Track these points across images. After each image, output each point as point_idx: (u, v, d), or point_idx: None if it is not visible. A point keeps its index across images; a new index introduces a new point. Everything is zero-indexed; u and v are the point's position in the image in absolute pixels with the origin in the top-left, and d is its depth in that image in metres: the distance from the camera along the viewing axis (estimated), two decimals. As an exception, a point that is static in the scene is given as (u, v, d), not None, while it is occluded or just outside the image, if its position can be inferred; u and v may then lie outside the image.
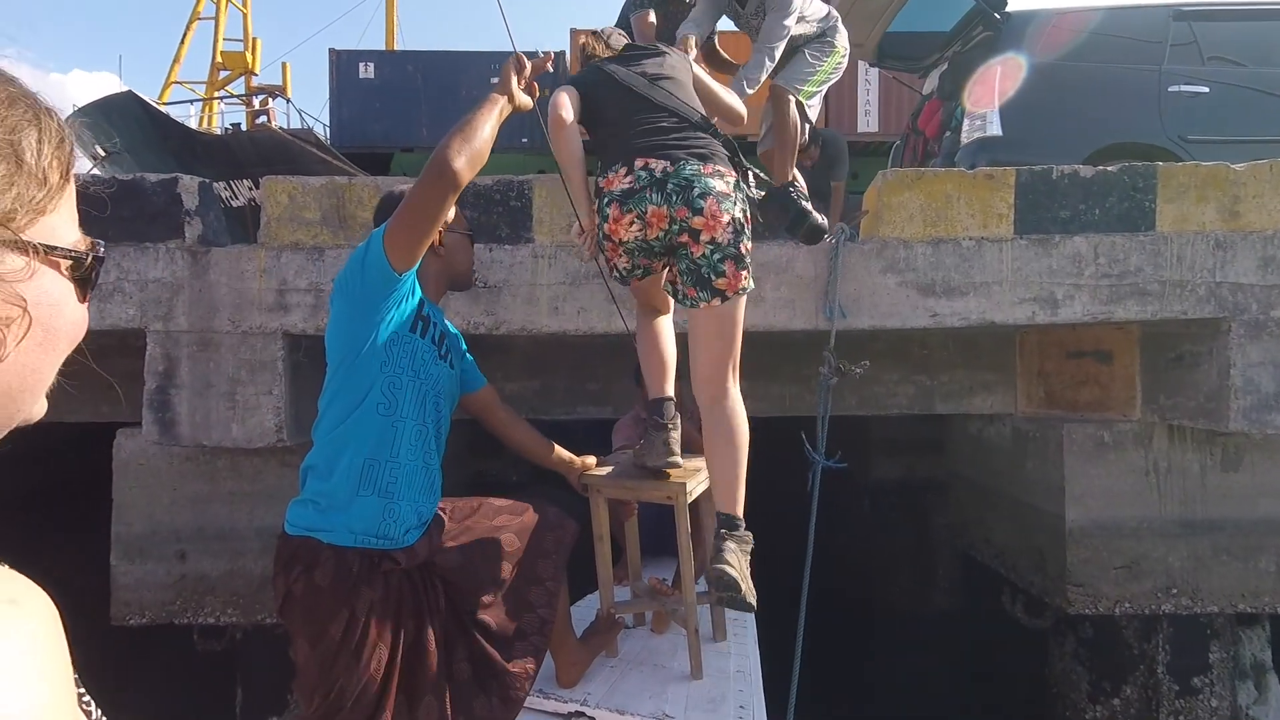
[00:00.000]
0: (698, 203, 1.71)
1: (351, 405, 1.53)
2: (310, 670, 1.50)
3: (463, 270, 1.78)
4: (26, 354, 0.41)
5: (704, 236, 1.72)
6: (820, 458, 2.24)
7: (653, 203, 1.74)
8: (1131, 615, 2.97)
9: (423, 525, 1.62)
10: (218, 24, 16.31)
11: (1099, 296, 2.59)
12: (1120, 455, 2.91)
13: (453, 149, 1.44)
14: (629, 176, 1.78)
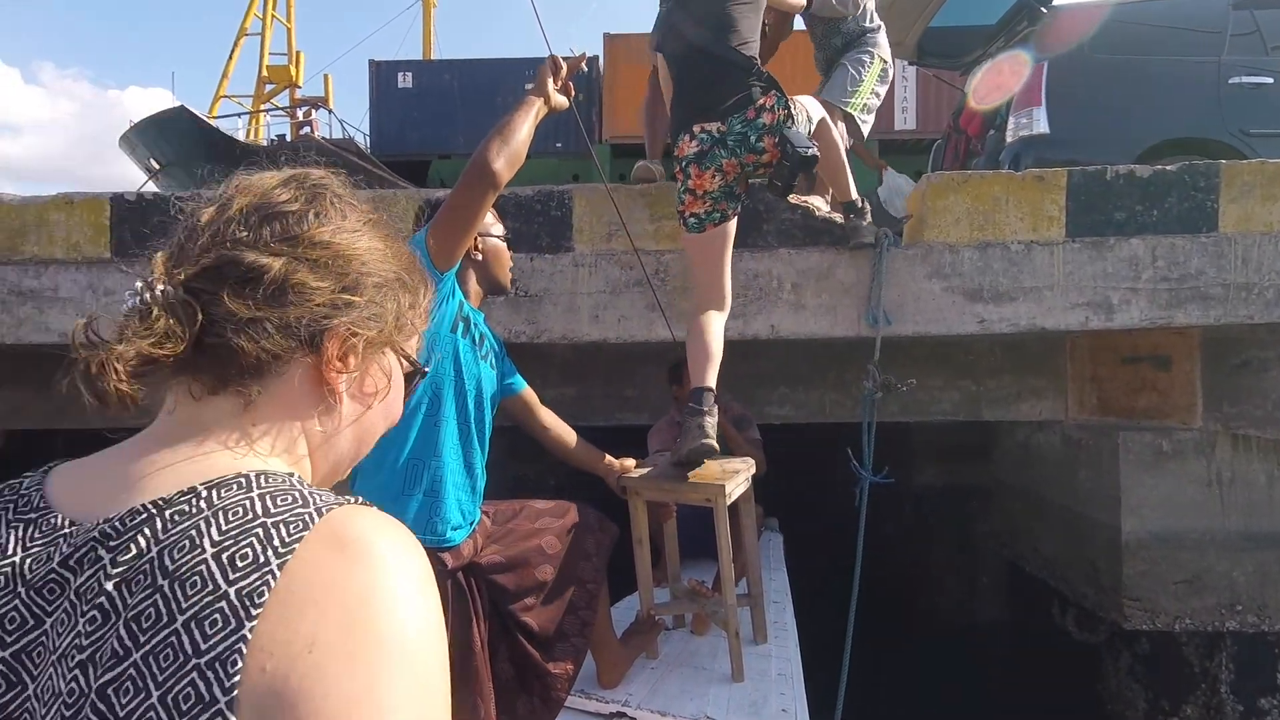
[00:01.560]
0: (758, 146, 2.10)
1: None
2: None
3: (501, 275, 1.80)
4: (374, 415, 0.56)
5: (765, 158, 2.11)
6: (867, 474, 2.20)
7: (723, 157, 2.12)
8: (1193, 632, 2.85)
9: (468, 525, 1.64)
10: (264, 39, 16.87)
11: (1157, 301, 2.49)
12: (1180, 465, 2.80)
13: (492, 150, 1.48)
14: (694, 142, 2.15)
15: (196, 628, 0.38)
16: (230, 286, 0.48)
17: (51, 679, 0.40)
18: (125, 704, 0.37)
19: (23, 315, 2.66)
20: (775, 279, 2.58)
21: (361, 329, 0.52)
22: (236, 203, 0.52)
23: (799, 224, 2.61)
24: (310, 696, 0.36)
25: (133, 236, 2.69)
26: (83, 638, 0.40)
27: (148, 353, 0.45)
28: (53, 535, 0.45)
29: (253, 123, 15.39)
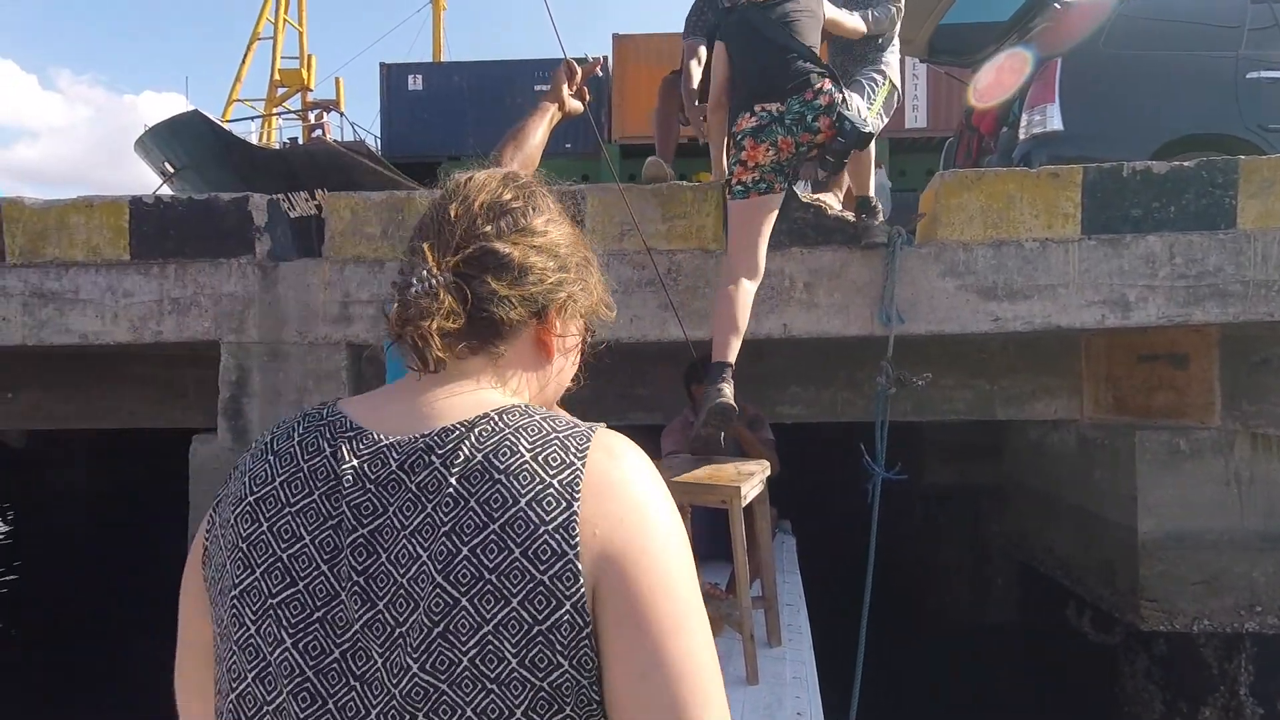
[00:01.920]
0: (814, 125, 2.30)
1: None
2: None
3: None
4: (570, 368, 0.71)
5: (820, 138, 2.31)
6: (880, 469, 2.19)
7: (779, 134, 2.31)
8: (1211, 633, 2.82)
9: None
10: (276, 44, 17.01)
11: (1175, 298, 2.47)
12: (1198, 464, 2.77)
13: (505, 157, 1.49)
14: (753, 118, 2.34)
15: (538, 506, 0.53)
16: (491, 271, 0.62)
17: (406, 547, 0.55)
18: (493, 559, 0.53)
19: (44, 317, 2.71)
20: (788, 278, 2.58)
21: (575, 299, 0.68)
22: (477, 200, 0.64)
23: (811, 223, 2.61)
24: (631, 551, 0.54)
25: (151, 238, 2.73)
26: (441, 516, 0.55)
27: (443, 327, 0.59)
28: (376, 447, 0.59)
29: (265, 126, 15.53)
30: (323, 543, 0.57)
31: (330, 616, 0.55)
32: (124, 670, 3.75)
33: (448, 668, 0.53)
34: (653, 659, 0.53)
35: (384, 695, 0.54)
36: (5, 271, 2.72)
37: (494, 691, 0.53)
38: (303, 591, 0.56)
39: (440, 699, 0.53)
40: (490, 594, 0.53)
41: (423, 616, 0.53)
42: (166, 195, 2.93)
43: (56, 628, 4.38)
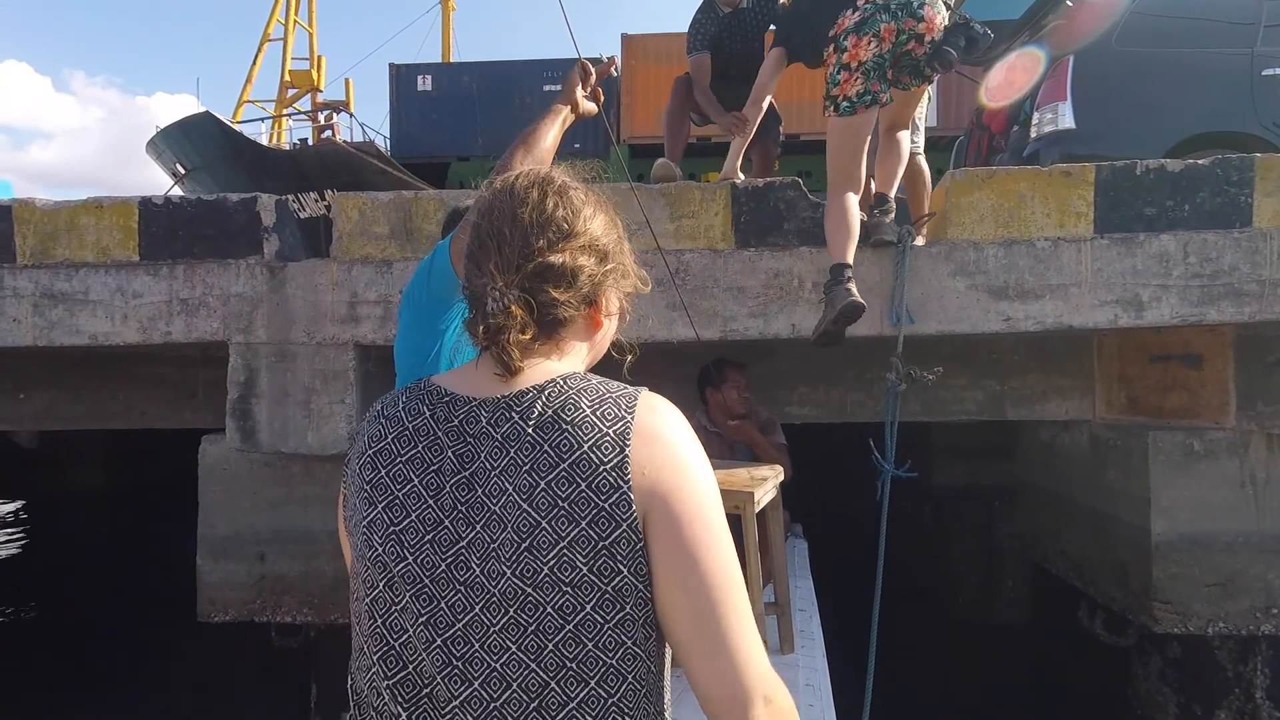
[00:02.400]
0: (919, 12, 2.28)
1: None
2: None
3: None
4: (612, 331, 0.85)
5: (926, 39, 2.29)
6: (890, 466, 2.18)
7: (883, 21, 2.30)
8: (1226, 635, 2.78)
9: None
10: (286, 45, 17.10)
11: (1189, 298, 2.44)
12: (1213, 465, 2.73)
13: (515, 161, 1.48)
14: (856, 13, 2.34)
15: (598, 450, 0.69)
16: (549, 281, 0.75)
17: (496, 483, 0.71)
18: (565, 490, 0.68)
19: (54, 318, 2.72)
20: (796, 278, 2.56)
21: (617, 284, 0.82)
22: (522, 214, 0.77)
23: (820, 222, 2.59)
24: (673, 488, 0.69)
25: (160, 239, 2.75)
26: (522, 458, 0.70)
27: (519, 340, 0.73)
28: (468, 407, 0.75)
29: (275, 127, 15.62)
30: (427, 483, 0.74)
31: (437, 538, 0.72)
32: (133, 668, 3.78)
33: (532, 574, 0.68)
34: (690, 569, 0.69)
35: (484, 595, 0.70)
36: (16, 272, 2.74)
37: (569, 593, 0.68)
38: (415, 520, 0.73)
39: (527, 599, 0.68)
40: (564, 517, 0.68)
41: (511, 534, 0.69)
42: (175, 196, 2.94)
43: (67, 625, 4.41)
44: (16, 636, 4.47)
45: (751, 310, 2.56)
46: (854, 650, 2.47)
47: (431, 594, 0.72)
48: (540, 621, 0.69)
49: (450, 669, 0.71)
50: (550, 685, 0.69)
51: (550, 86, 11.99)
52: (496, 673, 0.70)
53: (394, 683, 0.73)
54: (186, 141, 12.26)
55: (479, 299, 0.75)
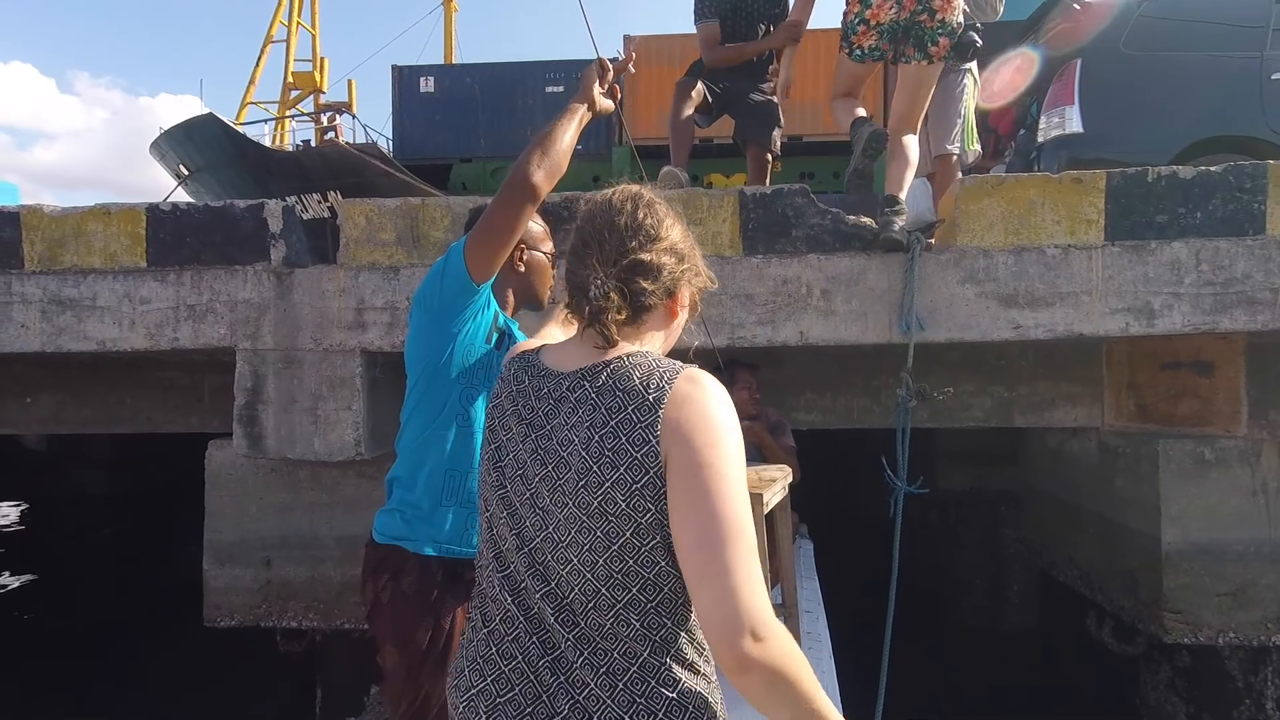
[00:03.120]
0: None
1: (431, 417, 1.56)
2: (398, 676, 1.54)
3: (539, 290, 1.76)
4: (683, 321, 1.05)
5: (938, 16, 2.58)
6: (902, 483, 2.16)
7: None
8: (1236, 645, 2.76)
9: None
10: (289, 46, 17.12)
11: (1201, 306, 2.42)
12: (1224, 474, 2.71)
13: (531, 162, 1.47)
14: None
15: (637, 411, 0.88)
16: (640, 275, 0.95)
17: (567, 435, 0.92)
18: (610, 443, 0.88)
19: (62, 324, 2.72)
20: (804, 285, 2.55)
21: (690, 281, 1.02)
22: (619, 221, 0.97)
23: (829, 229, 2.58)
24: (690, 439, 0.86)
25: (168, 245, 2.74)
26: (587, 416, 0.91)
27: (616, 320, 0.94)
28: (557, 377, 0.97)
29: (278, 128, 15.64)
30: (521, 432, 0.97)
31: (523, 474, 0.95)
32: (140, 672, 3.78)
33: (585, 506, 0.89)
34: (696, 507, 0.84)
35: (553, 520, 0.91)
36: (24, 279, 2.74)
37: (613, 521, 0.88)
38: (511, 458, 0.98)
39: (582, 525, 0.89)
40: (608, 464, 0.88)
41: (573, 475, 0.90)
42: (183, 203, 2.94)
43: (73, 628, 4.41)
44: (23, 638, 4.47)
45: (759, 318, 2.55)
46: (859, 650, 2.46)
47: (518, 516, 0.95)
48: (592, 542, 0.89)
49: (533, 571, 0.93)
50: (602, 591, 0.90)
51: (553, 88, 11.98)
52: (563, 579, 0.91)
53: (501, 577, 0.98)
54: (190, 143, 12.28)
55: (582, 287, 0.95)
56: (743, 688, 0.81)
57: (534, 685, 0.92)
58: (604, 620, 0.90)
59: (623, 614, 0.89)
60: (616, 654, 0.90)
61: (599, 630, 0.90)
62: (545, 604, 0.92)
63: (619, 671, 0.89)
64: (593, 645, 0.90)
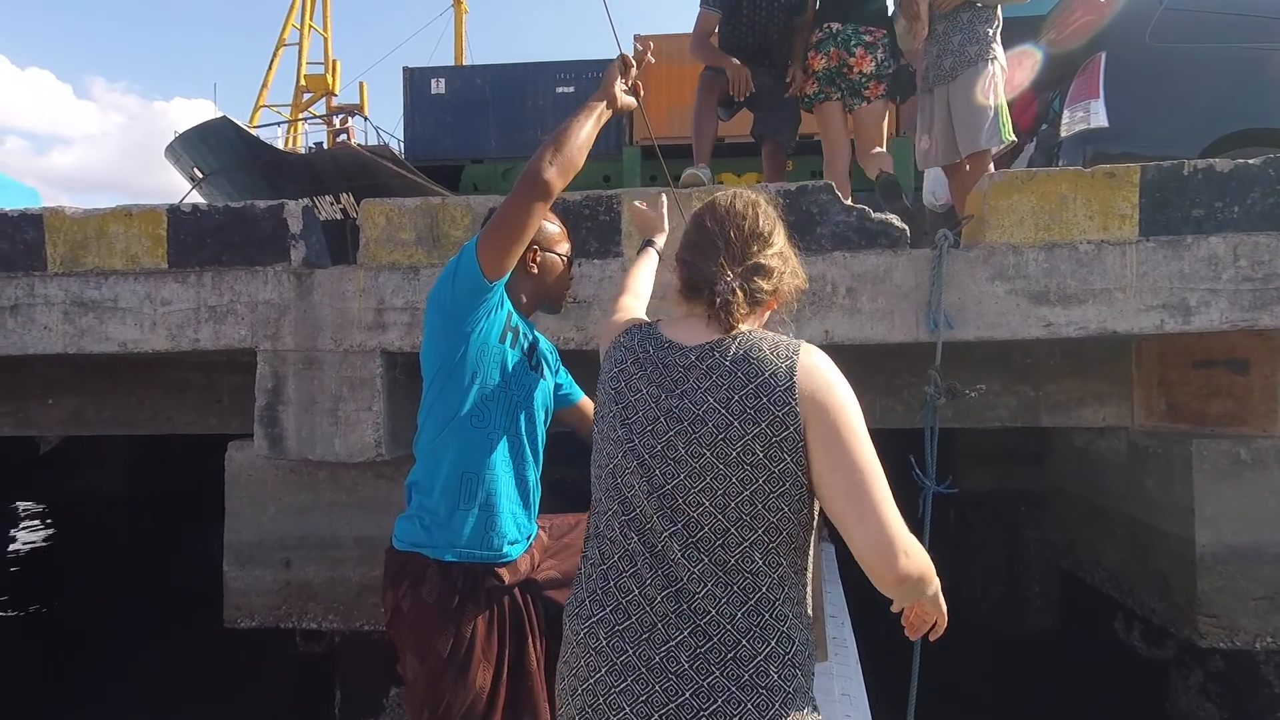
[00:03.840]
0: (853, 50, 3.23)
1: (446, 418, 1.54)
2: (419, 685, 1.52)
3: (554, 291, 1.73)
4: (765, 317, 1.25)
5: (856, 69, 3.25)
6: (931, 483, 2.12)
7: (831, 47, 3.25)
8: (1273, 650, 2.70)
9: (525, 539, 1.63)
10: (301, 49, 17.22)
11: (1239, 302, 2.36)
12: (1260, 474, 2.65)
13: (545, 159, 1.45)
14: (820, 32, 3.28)
15: (774, 376, 1.04)
16: (758, 275, 1.14)
17: (700, 396, 1.07)
18: (751, 402, 1.03)
19: (84, 325, 2.73)
20: (830, 283, 2.51)
21: (793, 281, 1.21)
22: (746, 227, 1.17)
23: (854, 226, 2.54)
24: (827, 404, 1.03)
25: (188, 247, 2.74)
26: (721, 379, 1.07)
27: (739, 312, 1.12)
28: (683, 349, 1.13)
29: (291, 131, 15.72)
30: (651, 394, 1.12)
31: (654, 429, 1.10)
32: (160, 672, 3.79)
33: (724, 456, 1.04)
34: (840, 459, 1.02)
35: (687, 468, 1.06)
36: (47, 280, 2.74)
37: (748, 470, 1.03)
38: (640, 416, 1.12)
39: (719, 472, 1.04)
40: (750, 420, 1.04)
41: (711, 429, 1.05)
42: (203, 204, 2.93)
43: (92, 628, 4.44)
44: (41, 638, 4.50)
45: (783, 316, 2.51)
46: (884, 655, 2.42)
47: (648, 465, 1.09)
48: (727, 487, 1.04)
49: (662, 513, 1.06)
50: (730, 530, 1.04)
51: (563, 88, 11.98)
52: (694, 519, 1.05)
53: (625, 520, 1.11)
54: (204, 146, 12.36)
55: (709, 281, 1.13)
56: (897, 595, 1.02)
57: (651, 614, 1.05)
58: (730, 557, 1.04)
59: (748, 552, 1.04)
60: (737, 587, 1.03)
61: (724, 566, 1.04)
62: (672, 541, 1.05)
63: (738, 602, 1.03)
64: (716, 578, 1.03)
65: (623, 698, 1.03)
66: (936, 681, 3.05)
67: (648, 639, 1.04)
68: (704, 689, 1.00)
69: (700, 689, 1.00)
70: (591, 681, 1.06)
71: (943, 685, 3.24)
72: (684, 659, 1.02)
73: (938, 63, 3.16)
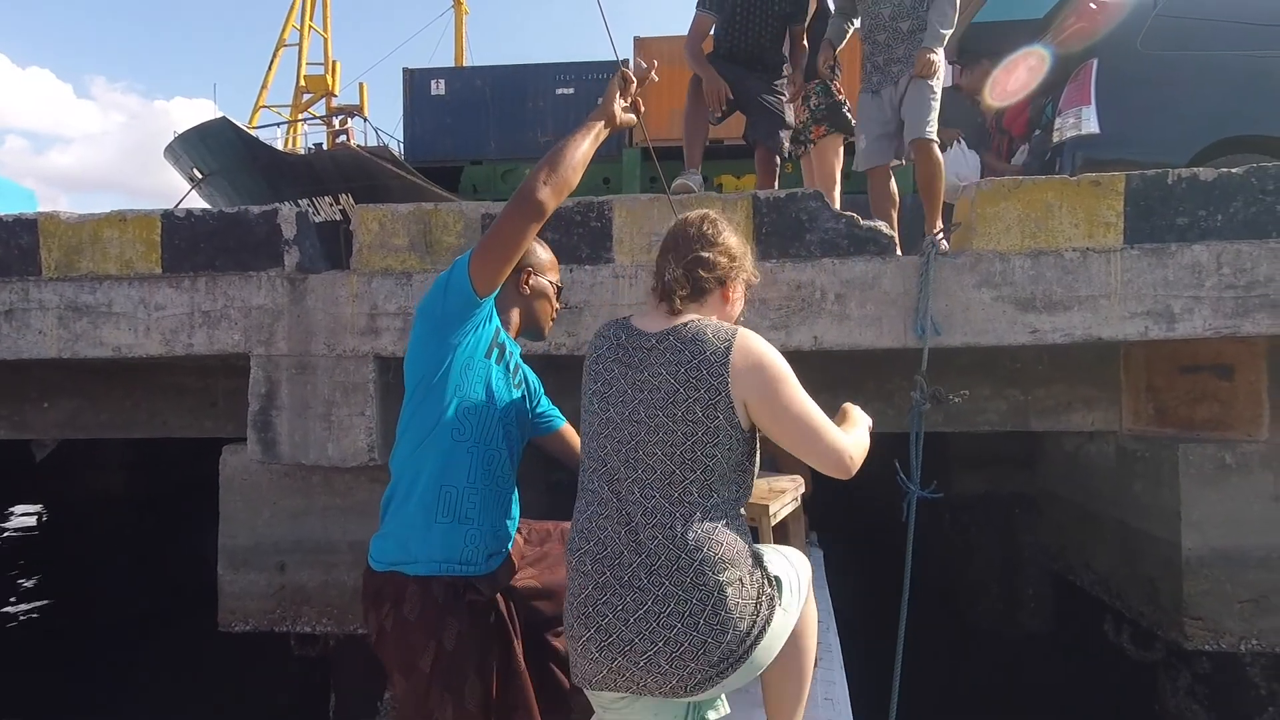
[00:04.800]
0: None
1: (425, 430, 1.55)
2: (408, 703, 1.54)
3: (540, 316, 1.76)
4: (738, 308, 1.62)
5: (796, 119, 3.64)
6: (916, 488, 2.14)
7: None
8: (1259, 653, 2.72)
9: (502, 551, 1.63)
10: (301, 50, 17.24)
11: (1222, 309, 2.39)
12: (1245, 479, 2.67)
13: (540, 178, 1.48)
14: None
15: (714, 353, 1.39)
16: (700, 266, 1.48)
17: (658, 370, 1.41)
18: (694, 373, 1.38)
19: (79, 330, 2.74)
20: (819, 289, 2.53)
21: (741, 275, 1.54)
22: (692, 233, 1.51)
23: (843, 233, 2.56)
24: (758, 370, 1.39)
25: (183, 251, 2.76)
26: (674, 357, 1.40)
27: (680, 294, 1.47)
28: (644, 334, 1.46)
29: (291, 132, 15.74)
30: (620, 372, 1.44)
31: (621, 399, 1.42)
32: (154, 676, 3.81)
33: (671, 414, 1.36)
34: (780, 414, 1.40)
35: (645, 427, 1.38)
36: (41, 285, 2.76)
37: (690, 426, 1.36)
38: (614, 391, 1.44)
39: (668, 429, 1.37)
40: (692, 386, 1.36)
41: (662, 395, 1.37)
42: (197, 209, 2.95)
43: (86, 631, 4.45)
44: (37, 639, 4.52)
45: (773, 322, 2.54)
46: (869, 659, 2.44)
47: (619, 427, 1.41)
48: (674, 439, 1.36)
49: (626, 463, 1.39)
50: (675, 471, 1.36)
51: (563, 90, 11.99)
52: (649, 466, 1.37)
53: (600, 473, 1.42)
54: (204, 147, 12.38)
55: (660, 274, 1.50)
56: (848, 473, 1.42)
57: (618, 544, 1.36)
58: (674, 492, 1.35)
59: (688, 488, 1.35)
60: (679, 515, 1.35)
61: (670, 499, 1.35)
62: (633, 486, 1.37)
63: (680, 527, 1.34)
64: (664, 510, 1.35)
65: (605, 608, 1.35)
66: (931, 683, 3.08)
67: (616, 563, 1.35)
68: (659, 596, 1.32)
69: (656, 597, 1.32)
70: (582, 597, 1.39)
71: (938, 686, 3.27)
72: (641, 575, 1.33)
73: (884, 68, 3.19)
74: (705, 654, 1.29)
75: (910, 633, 2.26)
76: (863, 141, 3.28)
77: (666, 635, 1.30)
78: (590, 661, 1.36)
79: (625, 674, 1.33)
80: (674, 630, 1.30)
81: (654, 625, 1.30)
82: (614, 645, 1.33)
